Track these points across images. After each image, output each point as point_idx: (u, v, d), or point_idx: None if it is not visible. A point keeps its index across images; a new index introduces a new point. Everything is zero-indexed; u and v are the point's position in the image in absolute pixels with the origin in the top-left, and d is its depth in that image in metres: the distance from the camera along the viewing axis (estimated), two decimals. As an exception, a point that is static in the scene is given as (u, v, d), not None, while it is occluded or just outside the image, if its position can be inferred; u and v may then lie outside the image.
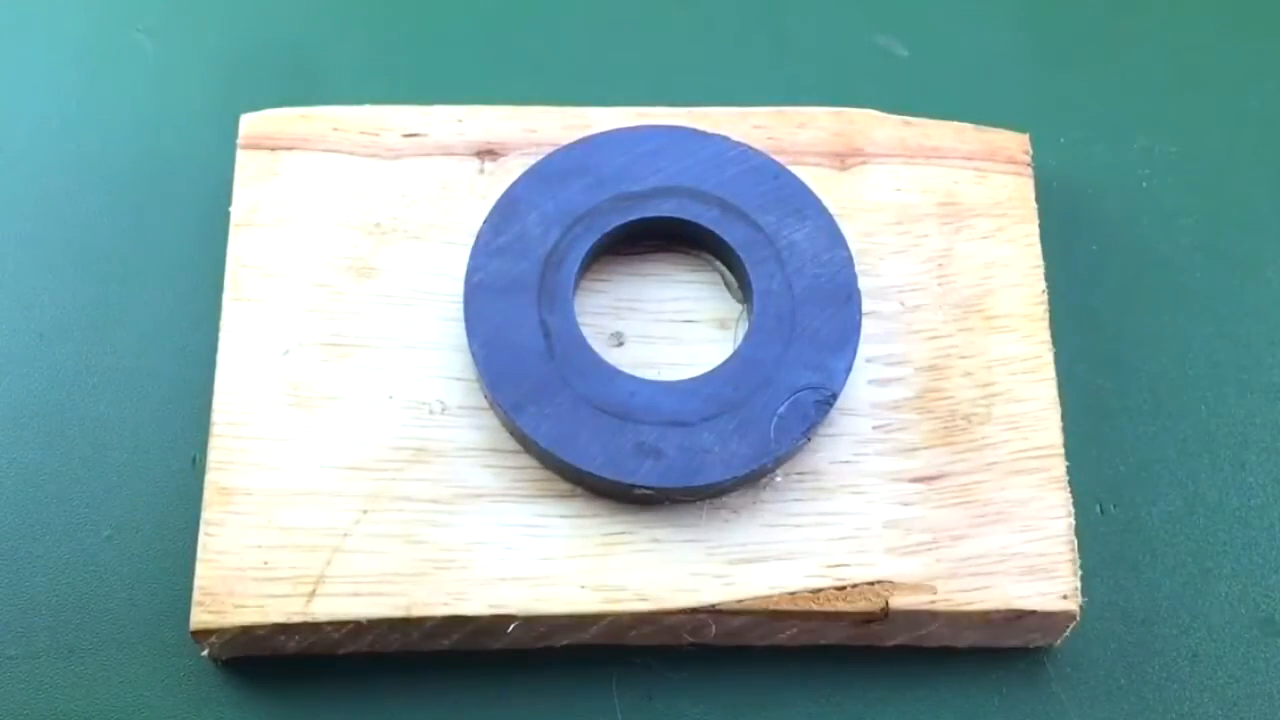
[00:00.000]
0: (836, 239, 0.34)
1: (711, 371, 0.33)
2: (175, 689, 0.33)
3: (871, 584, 0.32)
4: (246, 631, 0.31)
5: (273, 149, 0.36)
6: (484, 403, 0.33)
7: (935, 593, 0.32)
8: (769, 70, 0.41)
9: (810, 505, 0.33)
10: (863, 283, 0.34)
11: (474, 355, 0.33)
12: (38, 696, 0.33)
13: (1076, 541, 0.33)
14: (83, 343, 0.36)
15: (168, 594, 0.33)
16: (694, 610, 0.32)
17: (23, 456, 0.35)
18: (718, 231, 0.34)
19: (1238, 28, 0.43)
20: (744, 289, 0.35)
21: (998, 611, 0.32)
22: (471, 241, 0.34)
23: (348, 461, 0.32)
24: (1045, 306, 0.35)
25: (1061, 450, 0.33)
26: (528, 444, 0.32)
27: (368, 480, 0.32)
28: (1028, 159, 0.37)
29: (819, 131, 0.37)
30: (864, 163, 0.36)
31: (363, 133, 0.36)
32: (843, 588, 0.32)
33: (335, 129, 0.36)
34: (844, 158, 0.36)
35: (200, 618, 0.31)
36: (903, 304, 0.35)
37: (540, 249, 0.34)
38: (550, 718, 0.33)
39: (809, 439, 0.33)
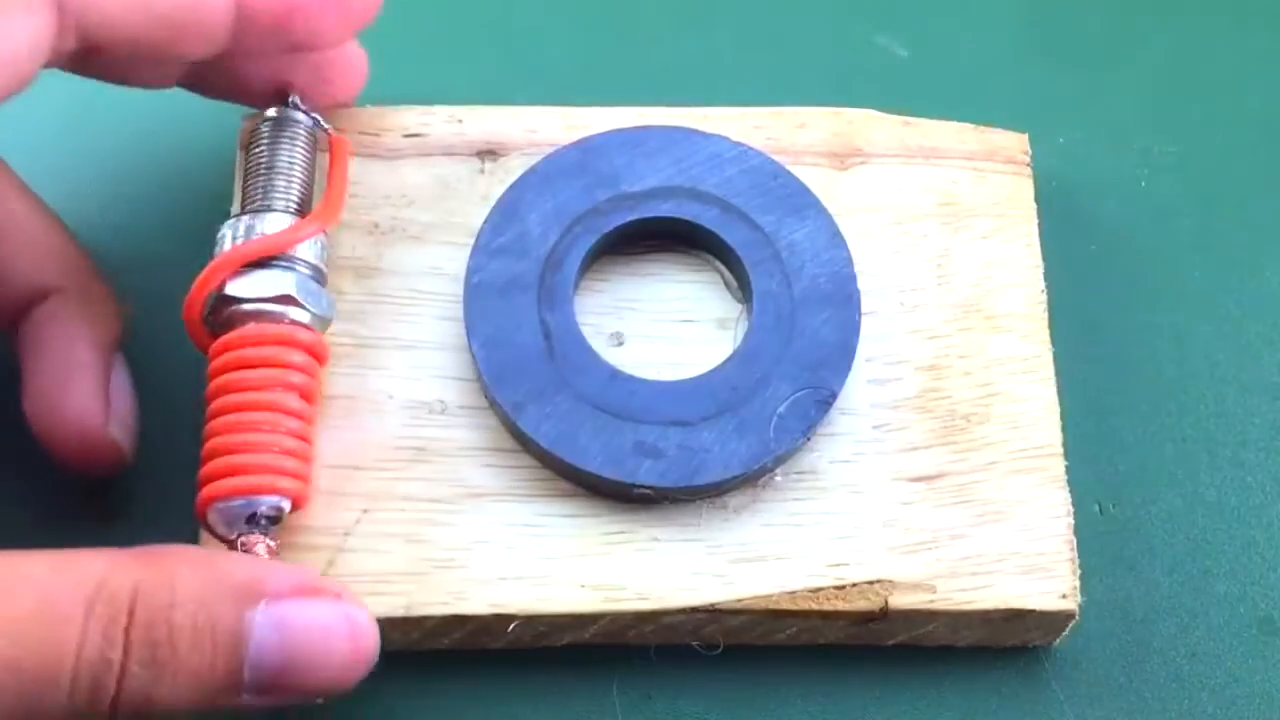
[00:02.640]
0: (836, 239, 0.34)
1: (711, 371, 0.33)
2: (176, 688, 0.33)
3: (871, 583, 0.32)
4: (247, 631, 0.31)
5: (273, 149, 0.36)
6: (484, 403, 0.33)
7: (934, 592, 0.32)
8: (769, 70, 0.42)
9: (810, 505, 0.33)
10: (862, 283, 0.34)
11: (474, 355, 0.33)
12: (39, 696, 0.33)
13: (1075, 541, 0.33)
14: (84, 342, 0.36)
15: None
16: (694, 610, 0.32)
17: (23, 457, 0.35)
18: (718, 231, 0.34)
19: (1238, 28, 0.43)
20: (744, 289, 0.35)
21: (997, 611, 0.32)
22: (471, 241, 0.34)
23: (348, 461, 0.33)
24: (1044, 306, 0.35)
25: (1061, 450, 0.34)
26: (528, 444, 0.32)
27: (368, 480, 0.32)
28: (1027, 159, 0.37)
29: (819, 131, 0.37)
30: (864, 163, 0.36)
31: (363, 133, 0.36)
32: (842, 587, 0.32)
33: (336, 129, 0.36)
34: (843, 158, 0.37)
35: (201, 617, 0.31)
36: (902, 304, 0.35)
37: (540, 249, 0.34)
38: (550, 718, 0.33)
39: (809, 439, 0.33)
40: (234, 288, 0.31)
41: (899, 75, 0.42)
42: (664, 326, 0.35)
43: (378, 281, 0.34)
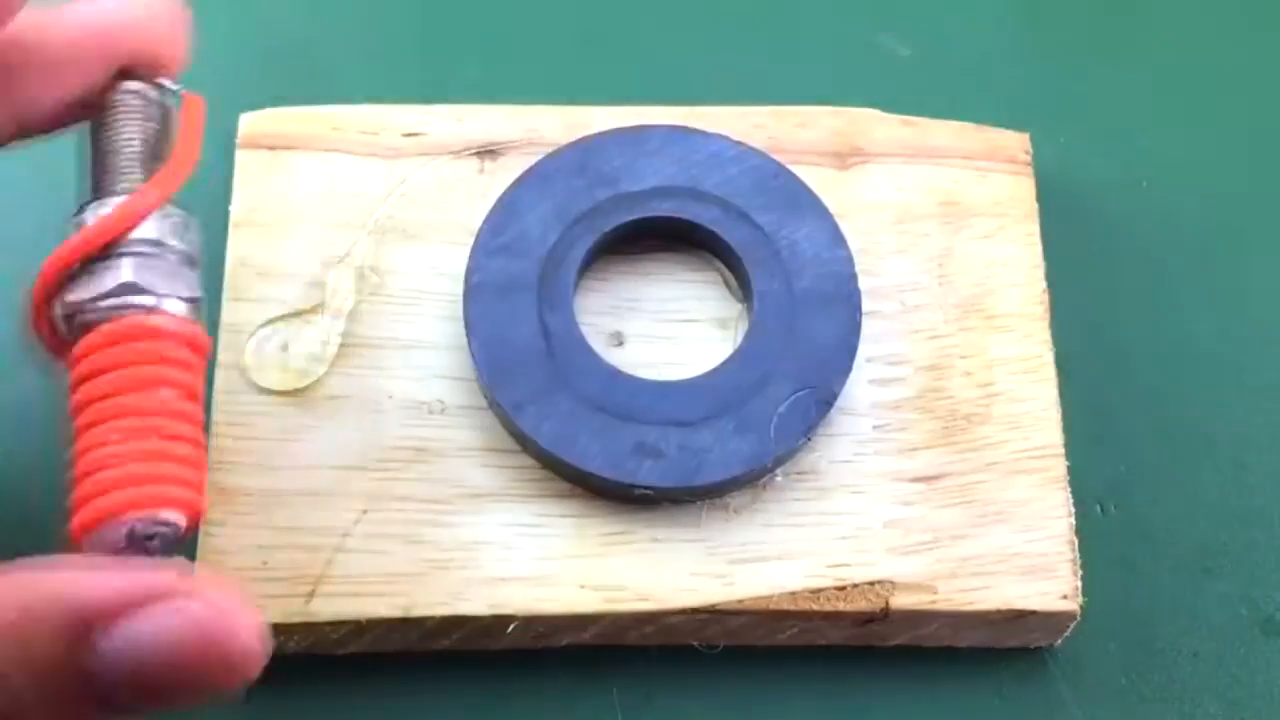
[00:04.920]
0: (836, 239, 0.34)
1: (711, 371, 0.33)
2: (175, 689, 0.33)
3: (872, 584, 0.32)
4: (246, 631, 0.31)
5: (272, 148, 0.36)
6: (484, 403, 0.33)
7: (936, 593, 0.32)
8: (769, 70, 0.41)
9: (810, 505, 0.33)
10: (863, 282, 0.34)
11: (474, 355, 0.33)
12: (37, 697, 0.33)
13: (1077, 541, 0.33)
14: (82, 343, 0.36)
15: (167, 594, 0.33)
16: (694, 610, 0.32)
17: (22, 456, 0.35)
18: (718, 231, 0.34)
19: (1238, 28, 0.43)
20: (744, 289, 0.35)
21: (998, 611, 0.32)
22: (471, 241, 0.34)
23: (348, 461, 0.32)
24: (1045, 306, 0.35)
25: (1062, 450, 0.33)
26: (528, 444, 0.32)
27: (368, 480, 0.32)
28: (1028, 159, 0.37)
29: (819, 131, 0.37)
30: (864, 162, 0.36)
31: (363, 132, 0.36)
32: (843, 587, 0.32)
33: (335, 129, 0.36)
34: (844, 157, 0.36)
35: (200, 618, 0.31)
36: (903, 304, 0.35)
37: (540, 249, 0.34)
38: (550, 718, 0.33)
39: (809, 439, 0.33)
40: (70, 294, 0.27)
41: (900, 74, 0.42)
42: (664, 326, 0.35)
43: (377, 281, 0.34)
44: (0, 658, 0.22)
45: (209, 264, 0.35)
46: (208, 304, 0.35)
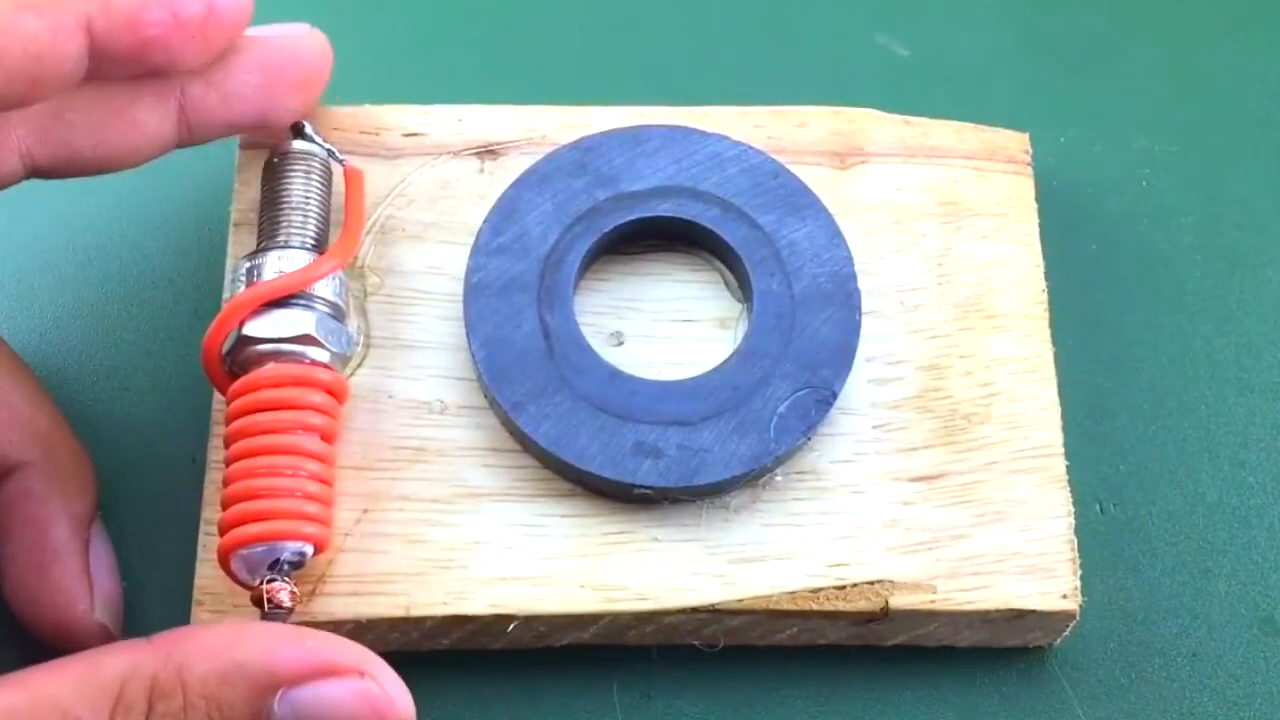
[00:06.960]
0: (836, 238, 0.34)
1: (711, 371, 0.33)
2: (175, 689, 0.33)
3: (871, 583, 0.32)
4: (246, 631, 0.31)
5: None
6: (484, 403, 0.33)
7: (935, 592, 0.32)
8: (769, 70, 0.42)
9: (810, 505, 0.33)
10: (863, 282, 0.34)
11: (474, 355, 0.33)
12: (38, 696, 0.33)
13: (1076, 541, 0.33)
14: (83, 343, 0.36)
15: (168, 594, 0.33)
16: (694, 610, 0.32)
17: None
18: (718, 231, 0.34)
19: (1238, 28, 0.43)
20: (744, 289, 0.35)
21: (997, 611, 0.32)
22: (471, 241, 0.34)
23: (348, 461, 0.32)
24: (1045, 306, 0.35)
25: (1061, 450, 0.33)
26: (527, 444, 0.32)
27: (368, 480, 0.32)
28: (1027, 158, 0.37)
29: (819, 131, 0.37)
30: (864, 162, 0.36)
31: (363, 133, 0.36)
32: (842, 587, 0.32)
33: (335, 129, 0.36)
34: (844, 157, 0.36)
35: (200, 617, 0.31)
36: (903, 303, 0.35)
37: (540, 249, 0.34)
38: (550, 718, 0.33)
39: (809, 439, 0.33)
40: (253, 328, 0.31)
41: (900, 74, 0.42)
42: (664, 326, 0.35)
43: (377, 281, 0.34)
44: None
45: (209, 264, 0.36)
46: (207, 304, 0.35)
